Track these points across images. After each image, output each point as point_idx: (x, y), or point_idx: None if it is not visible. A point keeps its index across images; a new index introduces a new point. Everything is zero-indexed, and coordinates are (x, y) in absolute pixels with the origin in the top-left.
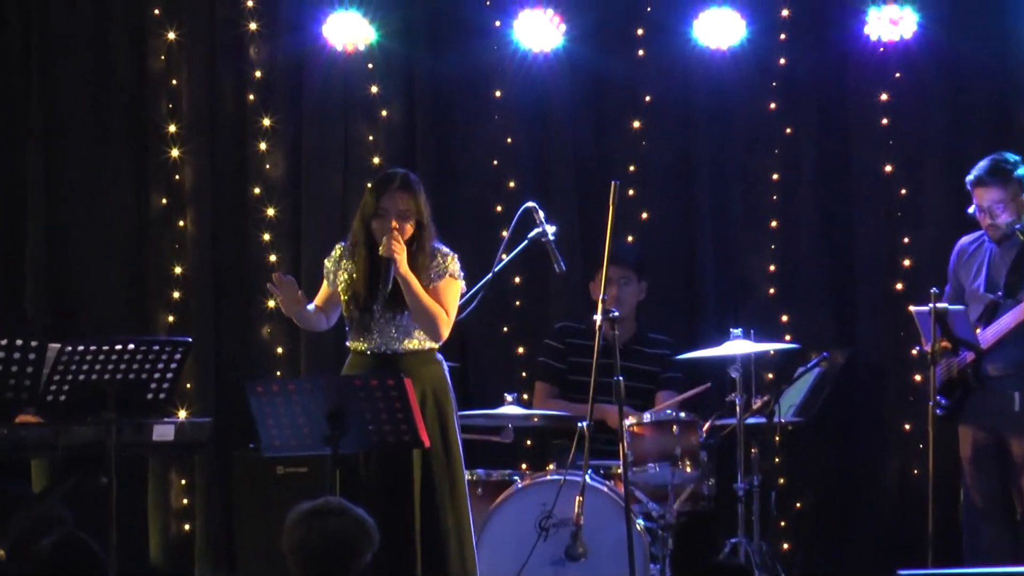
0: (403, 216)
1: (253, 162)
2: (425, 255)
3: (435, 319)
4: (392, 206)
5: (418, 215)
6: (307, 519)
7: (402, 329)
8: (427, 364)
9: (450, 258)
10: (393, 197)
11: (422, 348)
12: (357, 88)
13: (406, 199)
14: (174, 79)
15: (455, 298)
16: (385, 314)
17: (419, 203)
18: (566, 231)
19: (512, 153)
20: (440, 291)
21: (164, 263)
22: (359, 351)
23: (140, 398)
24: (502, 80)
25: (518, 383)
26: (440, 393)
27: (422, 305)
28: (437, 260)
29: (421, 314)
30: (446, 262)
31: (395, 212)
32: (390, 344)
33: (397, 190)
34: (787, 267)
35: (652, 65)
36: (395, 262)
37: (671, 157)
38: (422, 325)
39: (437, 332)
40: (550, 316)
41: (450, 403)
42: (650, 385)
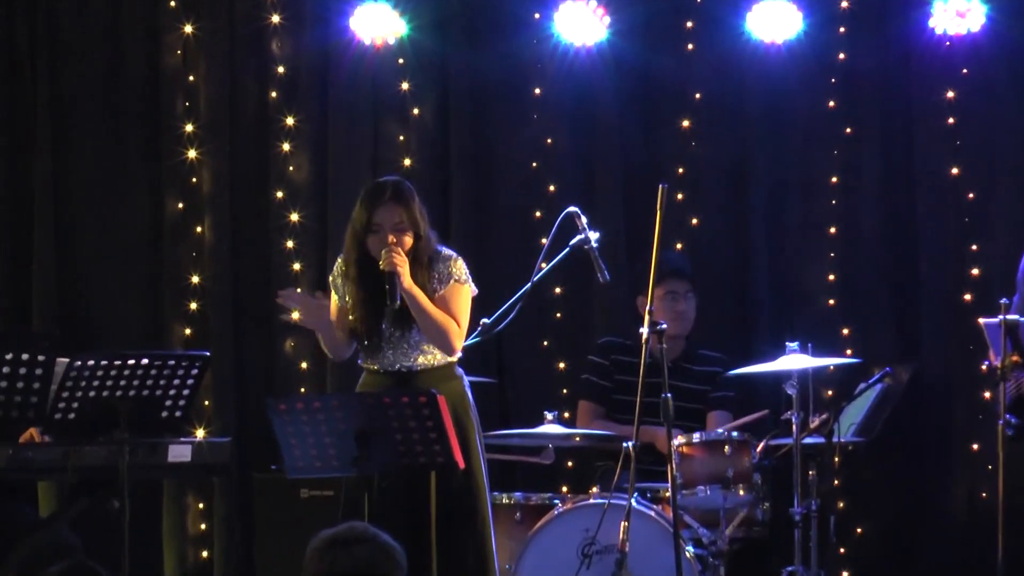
0: (399, 229)
1: (276, 164)
2: (424, 268)
3: (446, 332)
4: (386, 220)
5: (414, 226)
6: (331, 547)
7: (414, 345)
8: (445, 380)
9: (453, 261)
10: (386, 210)
11: (438, 363)
12: (387, 85)
13: (400, 211)
14: (191, 75)
15: (465, 305)
16: (394, 332)
17: (414, 213)
18: (610, 238)
19: (553, 155)
20: (448, 299)
21: (180, 272)
22: (372, 370)
23: (154, 416)
24: (542, 76)
25: (559, 400)
26: (460, 411)
27: (430, 319)
28: (439, 267)
29: (431, 329)
30: (449, 266)
31: (390, 226)
32: (403, 362)
33: (390, 202)
34: (847, 276)
35: (702, 60)
36: (399, 276)
37: (723, 159)
38: (433, 340)
39: (449, 345)
40: (593, 329)
41: (471, 421)
42: (700, 405)
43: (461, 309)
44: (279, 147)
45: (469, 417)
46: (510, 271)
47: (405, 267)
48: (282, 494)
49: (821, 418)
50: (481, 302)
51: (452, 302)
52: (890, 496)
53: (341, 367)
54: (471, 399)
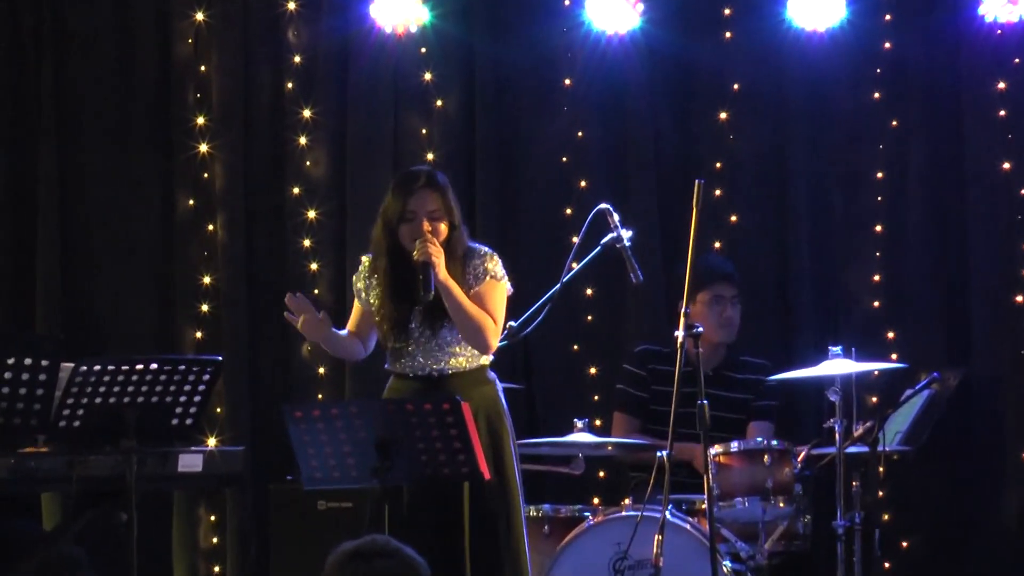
0: (434, 217)
1: (292, 159)
2: (458, 261)
3: (482, 328)
4: (420, 208)
5: (449, 215)
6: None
7: (444, 347)
8: (477, 385)
9: (489, 257)
10: (420, 197)
11: (470, 367)
12: (409, 75)
13: (435, 198)
14: (203, 66)
15: (501, 302)
16: (423, 331)
17: (449, 202)
18: (644, 236)
19: (583, 149)
20: (483, 296)
21: (191, 272)
22: (399, 374)
23: (164, 424)
24: (572, 66)
25: (590, 407)
26: (494, 417)
27: (466, 313)
28: (474, 262)
29: (466, 324)
30: (485, 262)
31: (424, 214)
32: (433, 365)
33: (424, 189)
34: (893, 277)
35: (741, 49)
36: (434, 267)
37: (762, 153)
38: (468, 336)
39: (485, 342)
40: (626, 333)
41: (505, 428)
42: (741, 416)
43: (497, 306)
44: (295, 141)
45: (503, 424)
46: (538, 271)
47: (441, 258)
48: (298, 506)
49: (865, 426)
50: (508, 304)
51: (488, 299)
52: (938, 508)
53: (361, 372)
54: (505, 404)
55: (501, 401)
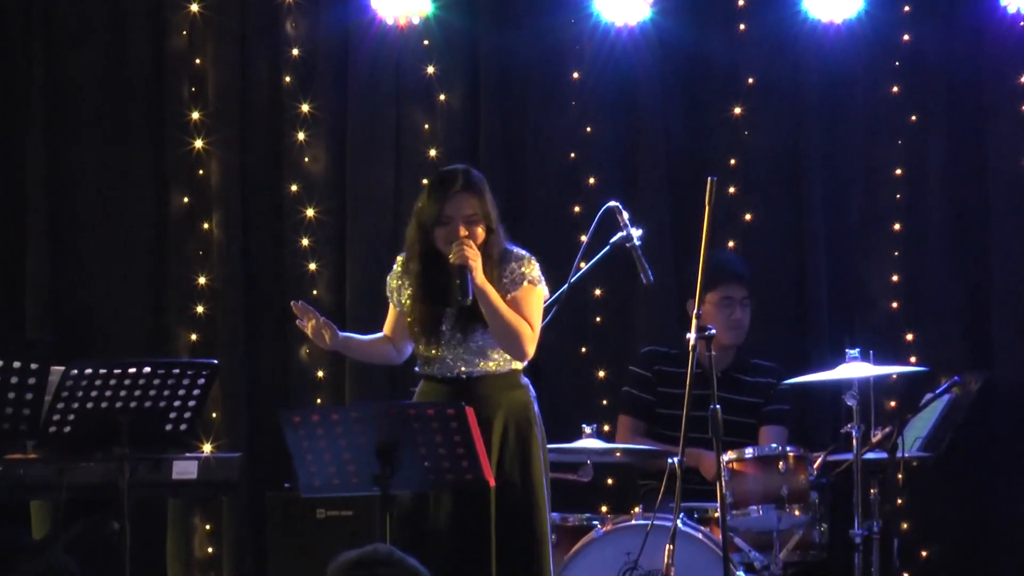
0: (471, 221)
1: (290, 155)
2: (494, 264)
3: (519, 335)
4: (457, 212)
5: (486, 218)
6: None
7: (477, 350)
8: (509, 389)
9: (527, 261)
10: (457, 202)
11: (502, 370)
12: (411, 69)
13: (472, 202)
14: (198, 59)
15: (538, 308)
16: (455, 335)
17: (486, 204)
18: (655, 235)
19: (592, 145)
20: (520, 301)
21: (186, 273)
22: (430, 377)
23: (158, 430)
24: (580, 59)
25: (598, 412)
26: (523, 423)
27: (503, 319)
28: (511, 266)
29: (503, 330)
30: (522, 266)
31: (462, 218)
32: (463, 368)
33: (461, 192)
34: (912, 277)
35: (755, 41)
36: (471, 270)
37: (778, 149)
38: (504, 343)
39: (522, 349)
40: (636, 335)
41: (535, 436)
42: (752, 420)
43: (534, 312)
44: (294, 137)
45: (532, 431)
46: (545, 271)
47: (478, 261)
48: (297, 514)
49: (884, 431)
50: None
51: (525, 304)
52: (958, 516)
53: (362, 377)
54: (536, 411)
55: (532, 407)
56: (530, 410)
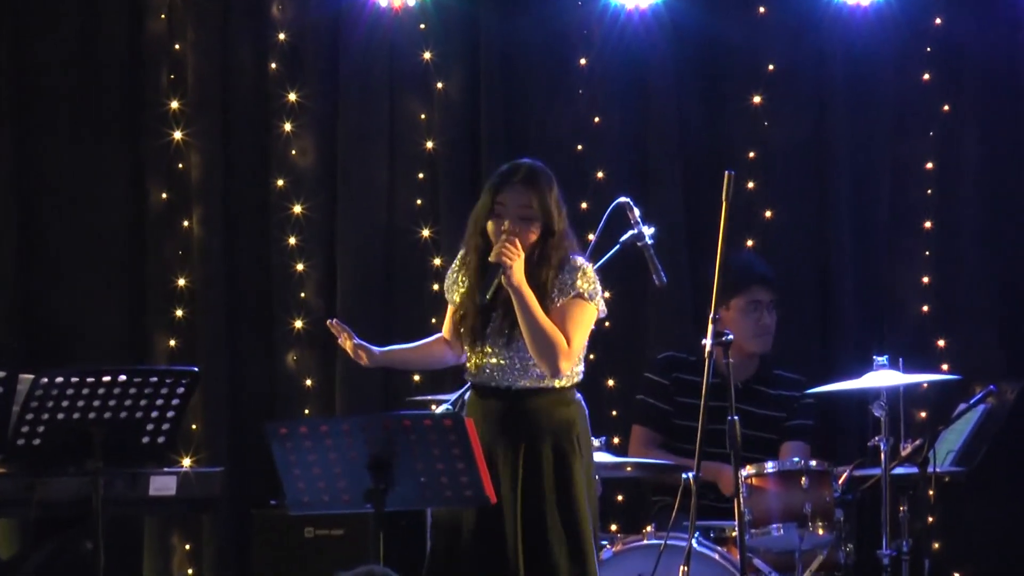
0: (524, 217)
1: (276, 148)
2: (550, 268)
3: (551, 347)
4: (510, 202)
5: (545, 216)
6: None
7: (521, 359)
8: (555, 406)
9: (581, 272)
10: (513, 192)
11: (550, 385)
12: (407, 55)
13: (529, 196)
14: (177, 44)
15: (582, 323)
16: (500, 339)
17: (547, 202)
18: (669, 234)
19: (601, 136)
20: (563, 312)
21: (164, 273)
22: (476, 386)
23: (134, 442)
24: (588, 44)
25: (607, 424)
26: (564, 443)
27: (537, 327)
28: (564, 275)
29: (535, 339)
30: (575, 276)
31: (514, 209)
32: (510, 379)
33: (519, 184)
34: (944, 279)
35: (776, 26)
36: (506, 269)
37: (800, 141)
38: (536, 353)
39: (553, 364)
40: (648, 341)
41: (577, 455)
42: (773, 435)
43: (577, 327)
44: (280, 128)
45: (574, 450)
46: None
47: (518, 263)
48: (283, 533)
49: (914, 444)
50: None
51: (569, 317)
52: (993, 535)
53: (353, 385)
54: (581, 430)
55: (576, 426)
56: (572, 429)
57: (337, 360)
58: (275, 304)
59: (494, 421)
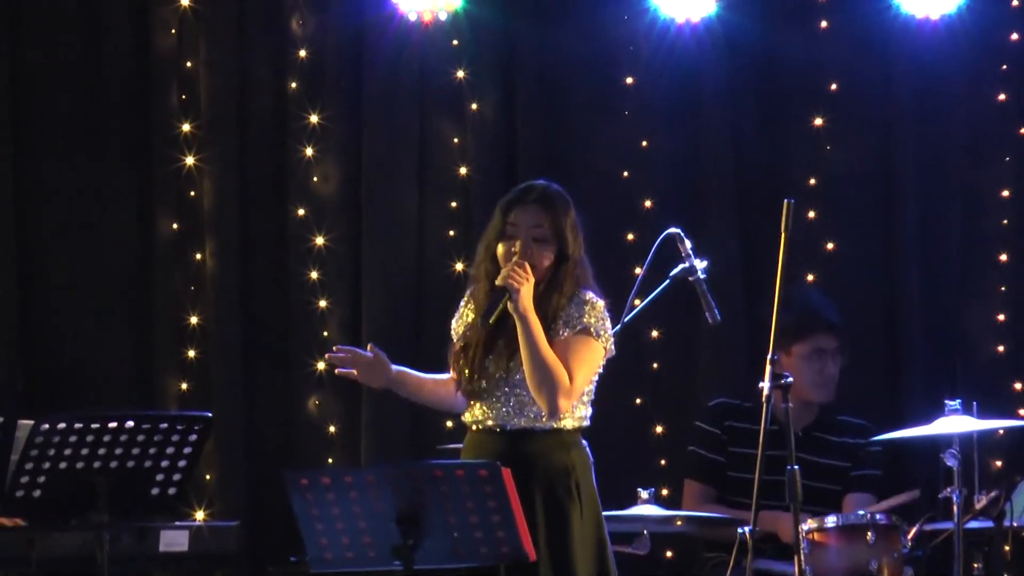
0: (537, 238)
1: (296, 174)
2: (561, 296)
3: (551, 381)
4: (522, 222)
5: (559, 240)
6: None
7: (518, 396)
8: (553, 450)
9: (590, 306)
10: (525, 211)
11: (548, 426)
12: (438, 73)
13: (542, 216)
14: (189, 61)
15: (587, 362)
16: (495, 375)
17: (561, 224)
18: (723, 267)
19: (648, 161)
20: (568, 347)
21: (174, 310)
22: (474, 426)
23: (142, 494)
24: (635, 61)
25: (656, 474)
26: (560, 490)
27: (539, 359)
28: (571, 309)
29: (534, 372)
30: (583, 310)
31: (525, 230)
32: (504, 417)
33: (533, 203)
34: (1021, 317)
35: (839, 41)
36: (513, 294)
37: (865, 166)
38: (534, 387)
39: (552, 400)
40: (700, 384)
41: (574, 505)
42: (836, 486)
43: (581, 364)
44: (300, 152)
45: (571, 499)
46: None
47: (526, 288)
48: None
49: (989, 496)
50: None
51: (573, 352)
52: None
53: (380, 431)
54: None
55: (574, 473)
56: (571, 477)
57: (363, 405)
58: (295, 344)
59: None
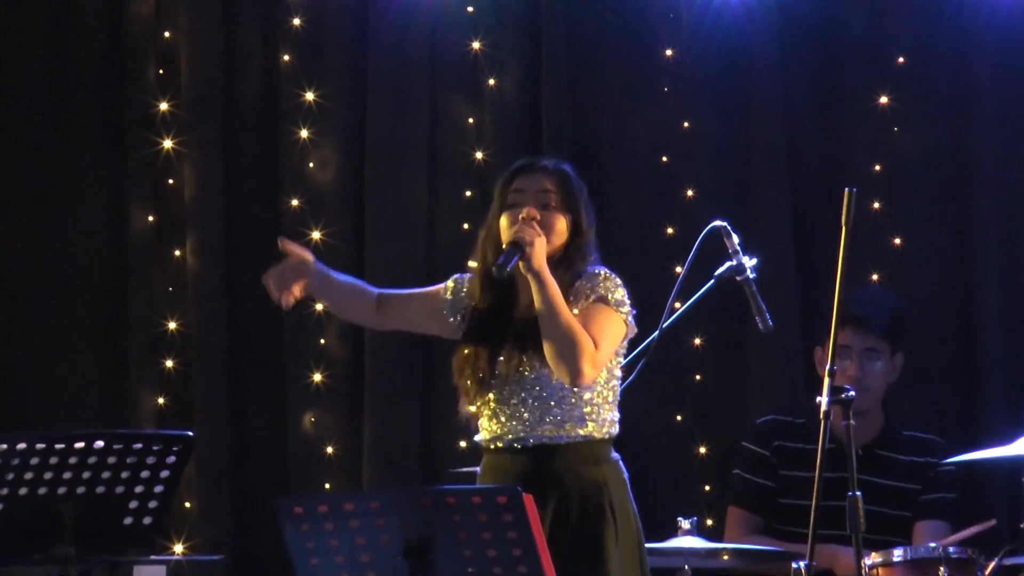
0: (544, 203)
1: (290, 159)
2: (569, 274)
3: (573, 341)
4: (529, 186)
5: (569, 207)
6: None
7: (538, 398)
8: (583, 465)
9: (603, 278)
10: (532, 177)
11: (576, 437)
12: (451, 44)
13: (550, 181)
14: (167, 31)
15: (608, 330)
16: (508, 381)
17: (572, 190)
18: (775, 266)
19: (691, 145)
20: (584, 315)
21: (151, 315)
22: (491, 445)
23: (114, 524)
24: (675, 33)
25: (698, 501)
26: (592, 509)
27: (557, 317)
28: (581, 282)
29: (553, 331)
30: (596, 282)
31: (532, 193)
32: (531, 427)
33: (540, 171)
34: None
35: (907, 10)
36: (525, 247)
37: (936, 151)
38: (555, 352)
39: (574, 362)
40: (748, 399)
41: (609, 526)
42: (905, 512)
43: (603, 329)
44: (295, 135)
45: (606, 522)
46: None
47: (540, 243)
48: None
49: None
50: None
51: (590, 319)
52: None
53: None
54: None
55: (611, 490)
56: (606, 493)
57: (365, 422)
58: (288, 353)
59: None
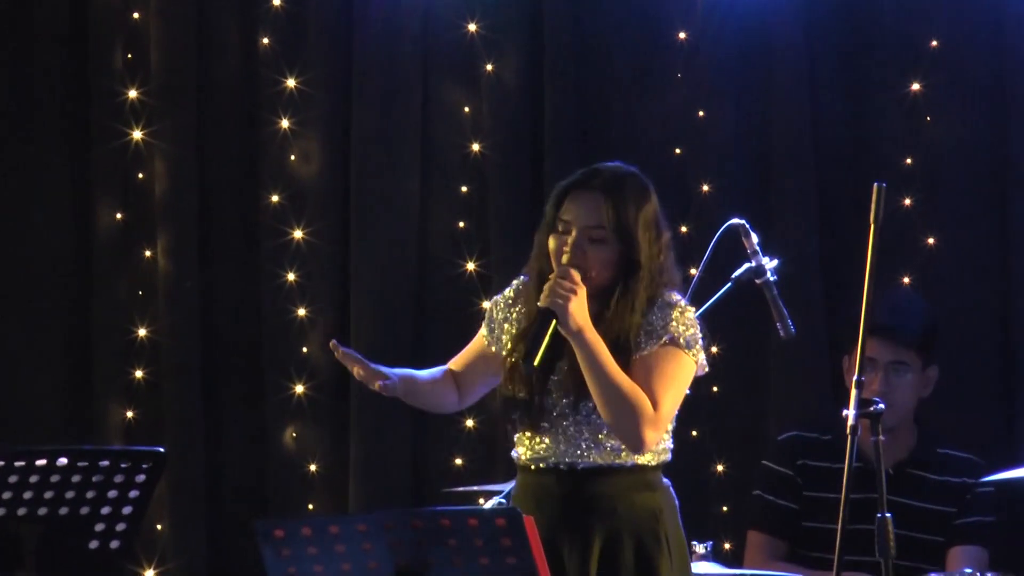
0: (593, 238)
1: (269, 151)
2: (633, 313)
3: (631, 412)
4: (577, 216)
5: (624, 238)
6: None
7: (591, 427)
8: (635, 491)
9: (679, 312)
10: (580, 202)
11: (626, 462)
12: (445, 26)
13: (604, 207)
14: (136, 12)
15: (675, 381)
16: (563, 399)
17: (628, 217)
18: (798, 267)
19: (706, 136)
20: (651, 364)
21: (118, 322)
22: (528, 464)
23: (79, 548)
24: (690, 13)
25: (716, 523)
26: (649, 540)
27: (609, 386)
28: (652, 316)
29: (608, 403)
30: (669, 317)
31: (581, 225)
32: (573, 453)
33: (590, 191)
34: None
35: None
36: (560, 313)
37: (973, 143)
38: (611, 420)
39: (635, 434)
40: (771, 412)
41: (664, 558)
42: (937, 536)
43: (669, 385)
44: (275, 125)
45: (661, 551)
46: None
47: (576, 301)
48: None
49: None
50: None
51: (658, 370)
52: None
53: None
54: (669, 522)
55: (664, 517)
56: (660, 523)
57: (351, 438)
58: (268, 363)
59: (554, 512)
